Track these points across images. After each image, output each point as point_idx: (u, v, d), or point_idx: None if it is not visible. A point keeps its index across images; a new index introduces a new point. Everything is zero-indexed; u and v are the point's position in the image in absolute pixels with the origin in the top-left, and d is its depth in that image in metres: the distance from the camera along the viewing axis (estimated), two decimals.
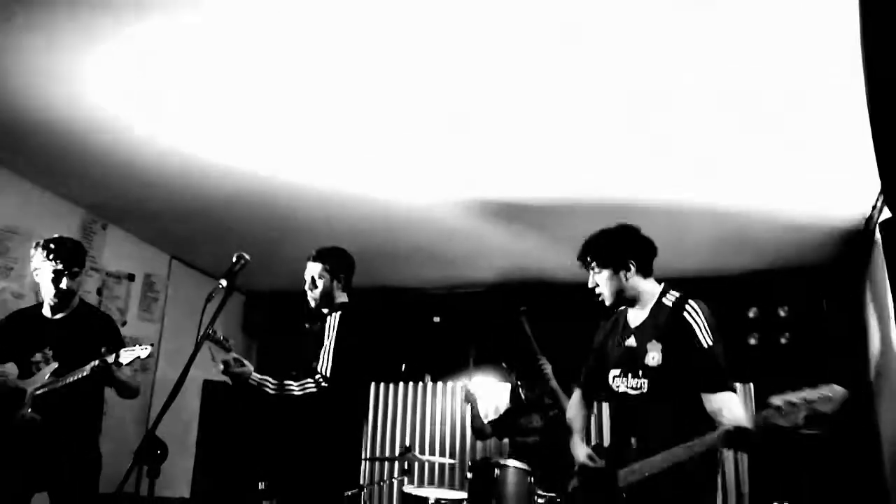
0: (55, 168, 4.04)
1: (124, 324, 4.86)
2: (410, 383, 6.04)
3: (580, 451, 2.68)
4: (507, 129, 3.30)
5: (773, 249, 4.53)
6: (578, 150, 3.46)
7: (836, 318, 4.64)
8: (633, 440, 2.47)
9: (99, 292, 4.75)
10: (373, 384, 5.92)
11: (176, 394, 2.22)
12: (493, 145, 3.47)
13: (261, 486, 4.15)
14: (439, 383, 5.98)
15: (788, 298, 4.90)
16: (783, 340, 4.85)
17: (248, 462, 5.31)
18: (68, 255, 3.16)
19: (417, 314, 5.80)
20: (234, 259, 2.43)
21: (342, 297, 3.33)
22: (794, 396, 2.09)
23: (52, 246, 3.15)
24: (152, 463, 3.05)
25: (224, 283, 2.37)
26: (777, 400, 2.12)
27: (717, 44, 2.54)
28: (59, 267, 3.13)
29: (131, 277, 5.07)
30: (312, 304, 3.31)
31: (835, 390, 2.05)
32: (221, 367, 2.89)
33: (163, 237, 5.19)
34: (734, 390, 2.42)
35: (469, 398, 4.81)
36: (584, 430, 2.87)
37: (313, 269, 3.30)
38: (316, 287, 3.28)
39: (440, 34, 2.62)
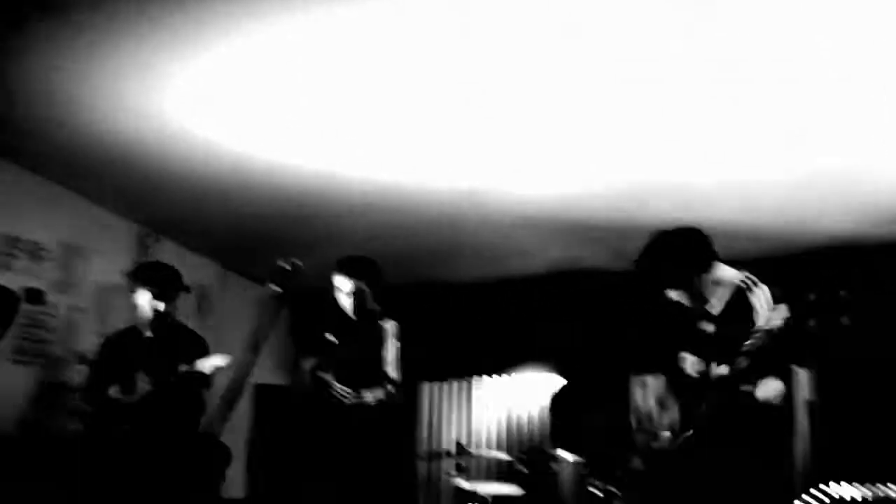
0: (109, 184, 4.16)
1: None
2: (457, 381, 5.99)
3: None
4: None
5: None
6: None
7: None
8: None
9: None
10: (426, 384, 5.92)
11: (236, 399, 2.24)
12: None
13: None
14: (486, 377, 5.92)
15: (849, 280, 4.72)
16: (844, 323, 4.67)
17: (307, 465, 5.37)
18: (164, 280, 3.51)
19: (465, 309, 5.76)
20: (285, 264, 2.42)
21: (374, 305, 3.43)
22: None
23: (145, 273, 3.50)
24: (218, 468, 3.23)
25: (277, 289, 2.35)
26: None
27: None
28: (156, 292, 3.44)
29: (188, 289, 5.16)
30: (350, 313, 3.38)
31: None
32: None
33: (214, 248, 5.29)
34: None
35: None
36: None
37: (345, 284, 3.36)
38: (349, 299, 3.36)
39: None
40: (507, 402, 5.79)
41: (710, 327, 2.49)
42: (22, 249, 3.87)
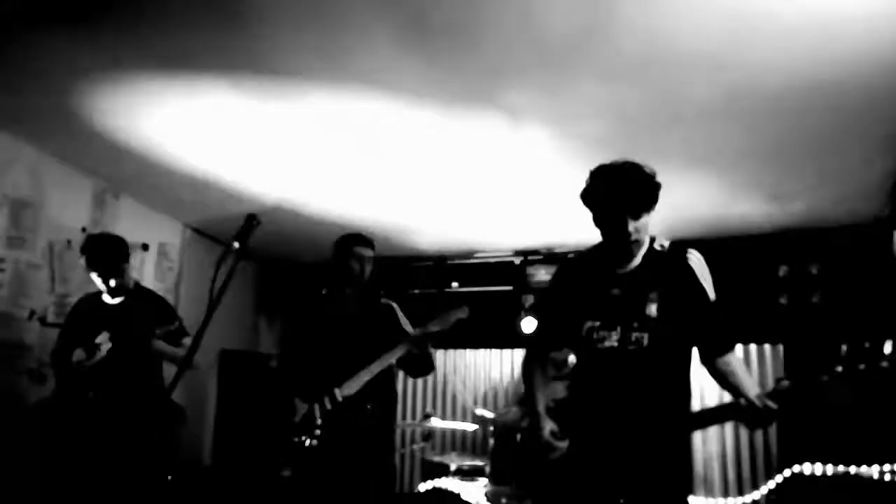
0: (67, 136, 3.94)
1: None
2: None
3: (546, 429, 2.29)
4: None
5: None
6: None
7: (869, 275, 4.46)
8: (631, 397, 2.16)
9: None
10: None
11: (190, 360, 2.15)
12: None
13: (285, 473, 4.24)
14: (458, 350, 5.89)
15: (821, 256, 4.72)
16: (815, 300, 4.68)
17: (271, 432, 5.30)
18: (107, 259, 3.46)
19: (436, 282, 5.70)
20: (245, 220, 2.32)
21: None
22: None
23: (89, 256, 3.45)
24: (172, 428, 3.29)
25: (237, 244, 2.26)
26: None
27: None
28: (103, 272, 3.45)
29: (145, 247, 5.00)
30: (357, 289, 3.31)
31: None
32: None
33: (176, 206, 5.11)
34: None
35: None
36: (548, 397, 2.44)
37: (369, 257, 3.31)
38: (364, 275, 3.29)
39: None
40: (477, 373, 5.77)
41: (617, 290, 2.27)
42: None
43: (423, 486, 3.82)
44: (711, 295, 2.23)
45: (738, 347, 2.35)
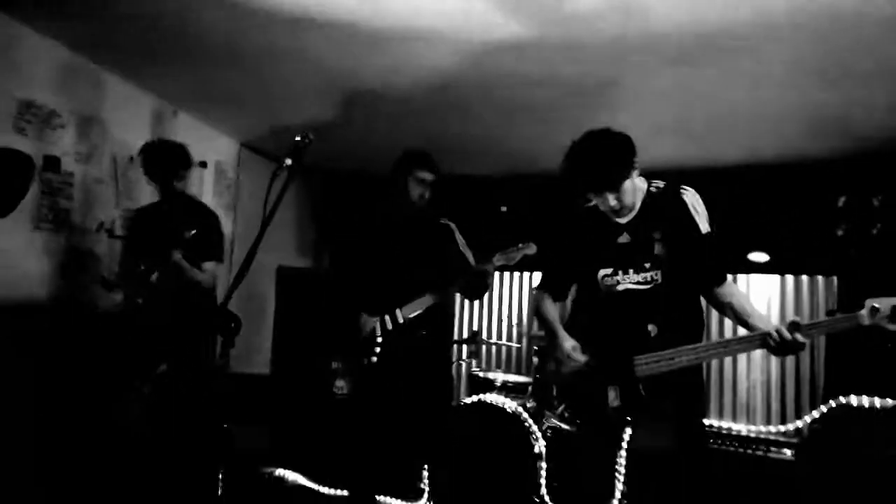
0: (127, 53, 4.02)
1: None
2: None
3: (567, 344, 2.45)
4: None
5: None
6: None
7: None
8: (650, 327, 2.31)
9: None
10: None
11: (244, 272, 2.28)
12: None
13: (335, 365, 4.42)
14: (506, 272, 5.97)
15: (883, 187, 4.54)
16: (874, 231, 4.54)
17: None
18: (165, 165, 3.59)
19: (484, 203, 5.70)
20: (299, 137, 2.37)
21: None
22: None
23: (147, 163, 3.59)
24: (227, 334, 3.44)
25: (289, 161, 2.32)
26: (877, 302, 1.99)
27: None
28: (160, 179, 3.60)
29: (203, 164, 5.13)
30: (416, 209, 3.31)
31: None
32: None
33: (233, 124, 5.21)
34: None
35: None
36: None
37: (430, 181, 3.29)
38: (424, 198, 3.29)
39: None
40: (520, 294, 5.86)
41: (624, 237, 2.42)
42: (36, 115, 3.81)
43: (468, 399, 3.97)
44: (704, 228, 2.35)
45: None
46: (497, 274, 5.78)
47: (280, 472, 4.28)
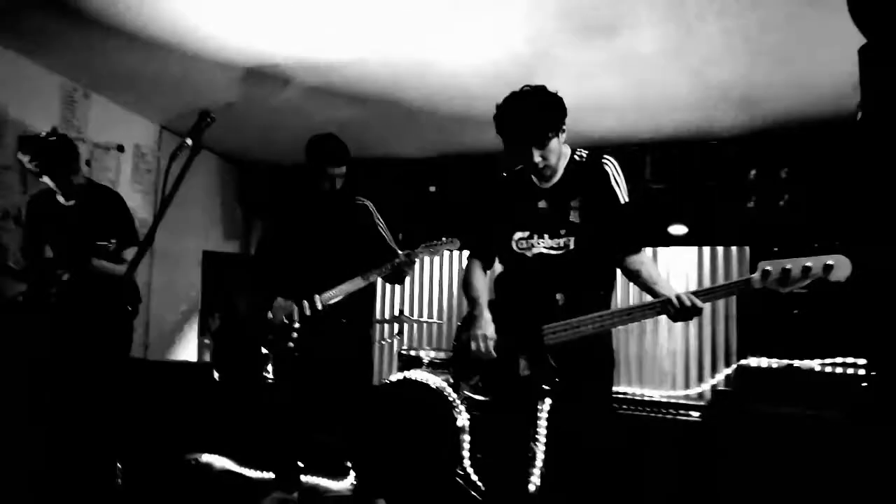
0: (34, 32, 3.85)
1: None
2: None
3: (490, 329, 2.46)
4: None
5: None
6: None
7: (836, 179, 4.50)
8: (558, 296, 2.38)
9: (88, 164, 4.69)
10: None
11: (145, 249, 2.29)
12: None
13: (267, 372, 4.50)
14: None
15: (790, 160, 4.74)
16: (782, 203, 4.75)
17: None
18: (54, 160, 3.38)
19: (411, 183, 5.71)
20: (199, 116, 2.34)
21: None
22: (790, 263, 2.02)
23: (36, 160, 3.34)
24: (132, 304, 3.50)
25: (189, 141, 2.29)
26: (769, 266, 2.07)
27: None
28: (51, 174, 3.40)
29: (121, 148, 4.99)
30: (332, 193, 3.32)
31: (840, 261, 1.95)
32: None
33: (150, 105, 5.05)
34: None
35: None
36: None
37: (341, 174, 3.28)
38: (336, 188, 3.30)
39: None
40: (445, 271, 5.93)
41: (543, 203, 2.46)
42: None
43: (394, 377, 4.00)
44: (623, 197, 2.41)
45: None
46: None
47: (206, 457, 4.24)
